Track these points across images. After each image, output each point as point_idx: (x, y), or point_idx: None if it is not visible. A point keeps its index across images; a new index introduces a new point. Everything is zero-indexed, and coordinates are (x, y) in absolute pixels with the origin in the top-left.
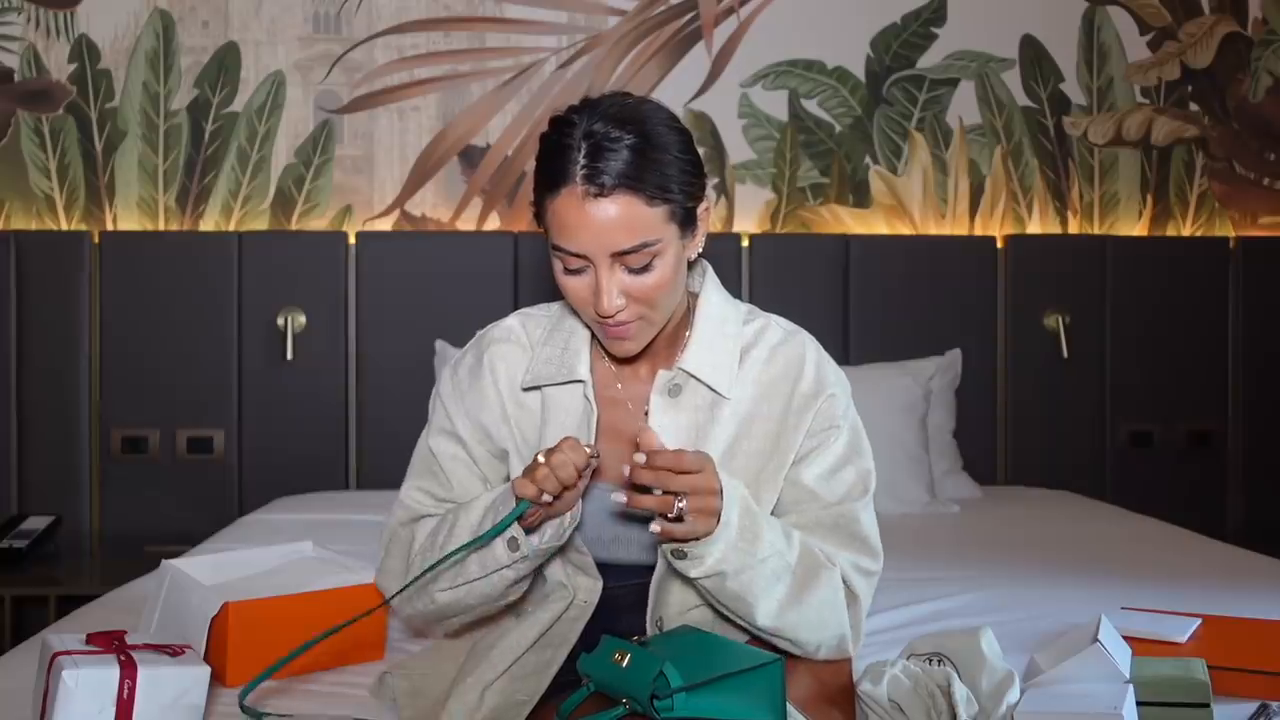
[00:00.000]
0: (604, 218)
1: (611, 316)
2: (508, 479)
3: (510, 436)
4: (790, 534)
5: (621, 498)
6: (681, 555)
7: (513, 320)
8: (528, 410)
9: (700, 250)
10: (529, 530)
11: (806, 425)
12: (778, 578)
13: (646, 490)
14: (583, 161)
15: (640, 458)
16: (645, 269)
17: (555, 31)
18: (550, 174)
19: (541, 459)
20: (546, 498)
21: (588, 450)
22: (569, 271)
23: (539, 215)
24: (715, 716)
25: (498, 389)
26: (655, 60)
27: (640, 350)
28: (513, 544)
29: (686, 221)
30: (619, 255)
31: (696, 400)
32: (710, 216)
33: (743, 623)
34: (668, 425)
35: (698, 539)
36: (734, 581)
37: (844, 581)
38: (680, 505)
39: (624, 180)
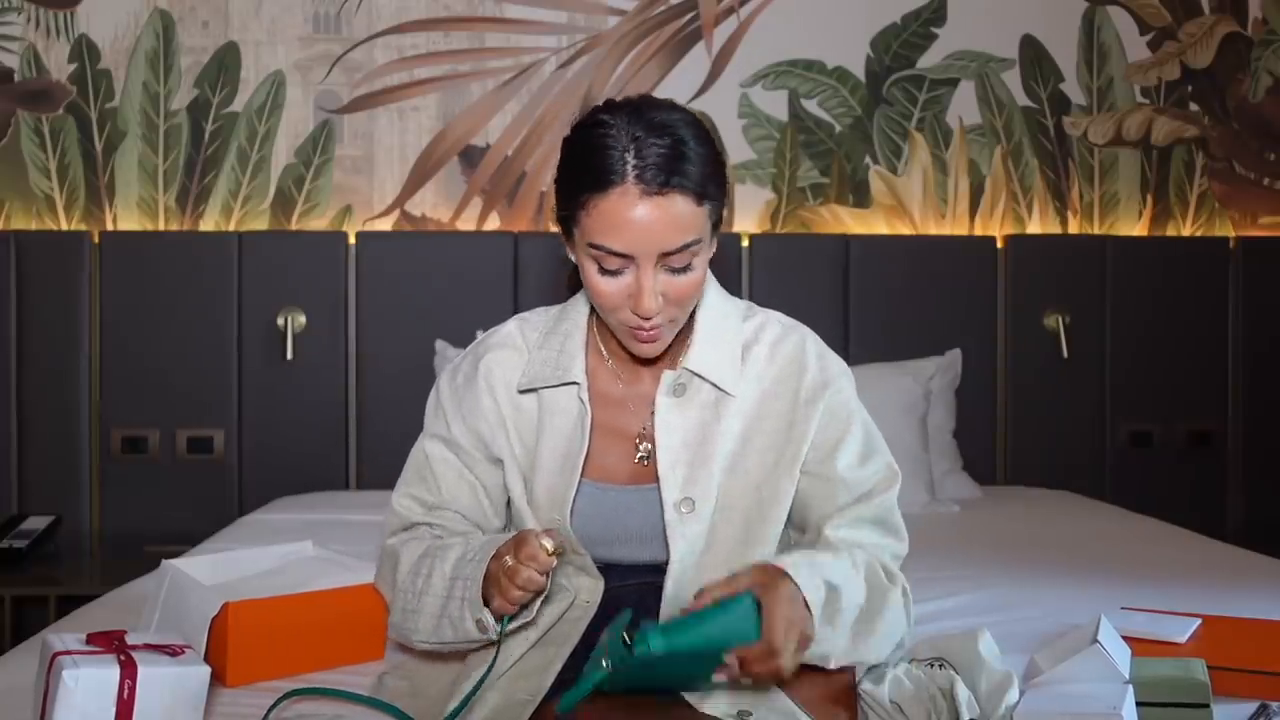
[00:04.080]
0: (657, 216)
1: (649, 318)
2: (506, 493)
3: (507, 443)
4: (858, 567)
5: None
6: None
7: (511, 325)
8: (525, 413)
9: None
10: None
11: (817, 417)
12: (850, 626)
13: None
14: (633, 161)
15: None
16: (686, 269)
17: (555, 31)
18: (596, 172)
19: (510, 560)
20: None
21: (547, 548)
22: (605, 272)
23: (569, 216)
24: (694, 645)
25: (494, 397)
26: (655, 60)
27: (661, 353)
28: (480, 626)
29: (718, 223)
30: (665, 255)
31: (702, 398)
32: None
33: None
34: (674, 424)
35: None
36: (820, 648)
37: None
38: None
39: (677, 179)
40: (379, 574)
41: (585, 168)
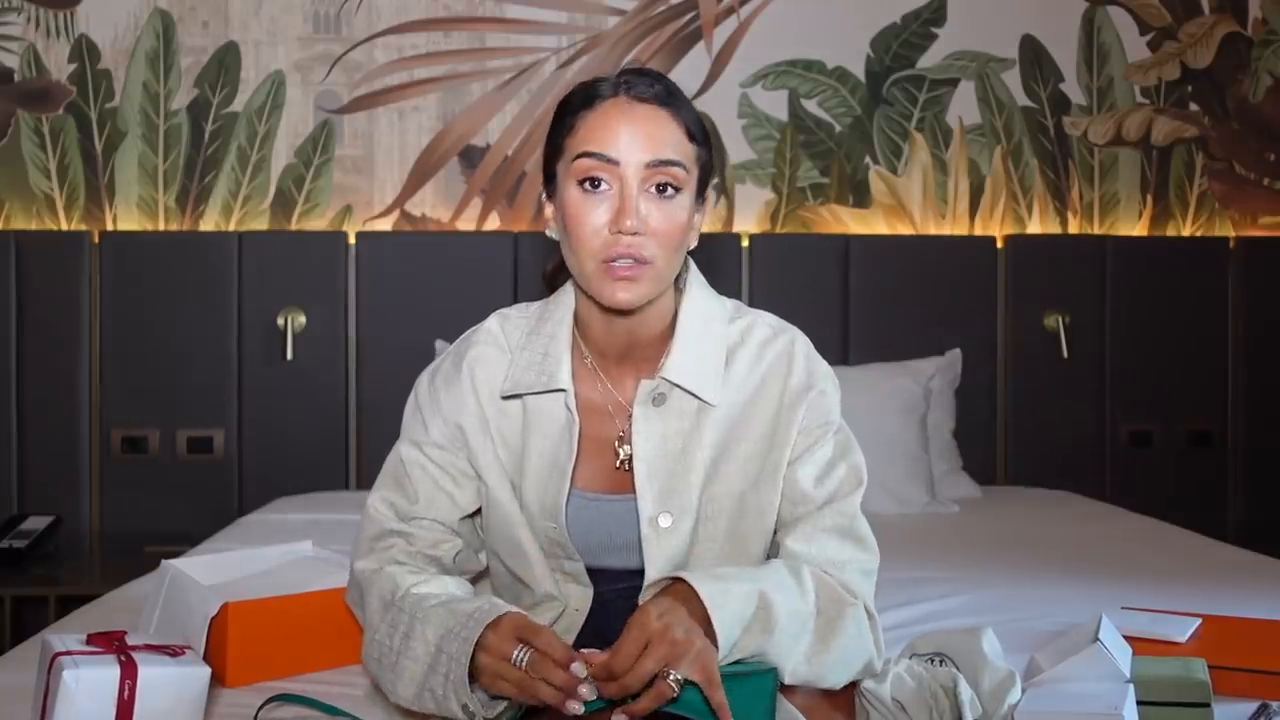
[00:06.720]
0: (647, 122)
1: (630, 236)
2: (478, 511)
3: (490, 445)
4: (800, 577)
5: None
6: None
7: (491, 322)
8: (509, 418)
9: (696, 242)
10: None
11: (799, 420)
12: (797, 638)
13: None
14: (624, 85)
15: (587, 692)
16: (671, 196)
17: (555, 31)
18: (584, 98)
19: (539, 678)
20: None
21: (581, 682)
22: (589, 191)
23: (556, 151)
24: (689, 715)
25: (477, 397)
26: (655, 60)
27: (637, 305)
28: (466, 710)
29: (700, 189)
30: (652, 168)
31: (682, 407)
32: (706, 217)
33: None
34: (652, 435)
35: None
36: (752, 660)
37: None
38: (676, 679)
39: (665, 99)
40: (350, 595)
41: (577, 98)
